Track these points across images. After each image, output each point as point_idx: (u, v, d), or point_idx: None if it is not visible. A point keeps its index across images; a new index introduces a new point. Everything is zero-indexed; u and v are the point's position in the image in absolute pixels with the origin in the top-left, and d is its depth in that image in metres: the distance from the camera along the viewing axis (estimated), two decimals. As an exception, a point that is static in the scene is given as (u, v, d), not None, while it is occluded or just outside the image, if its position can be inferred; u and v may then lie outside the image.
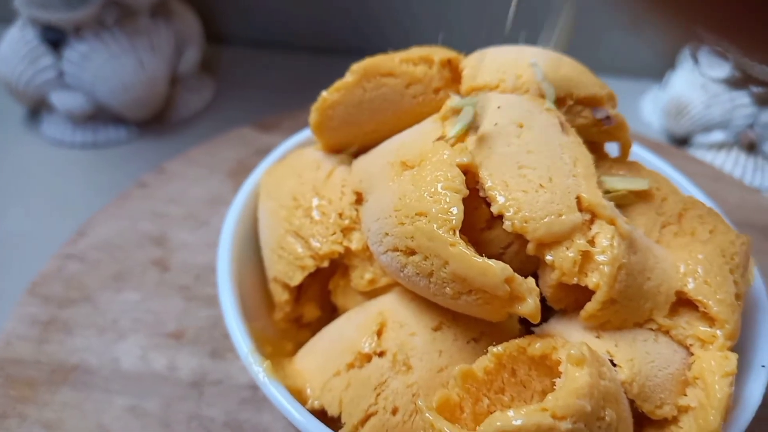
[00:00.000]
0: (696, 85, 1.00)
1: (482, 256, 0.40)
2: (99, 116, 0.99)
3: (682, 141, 1.04)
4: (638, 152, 0.60)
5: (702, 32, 0.24)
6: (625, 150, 0.52)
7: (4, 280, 0.76)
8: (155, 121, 1.03)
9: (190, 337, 0.66)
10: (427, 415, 0.37)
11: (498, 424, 0.35)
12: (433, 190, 0.42)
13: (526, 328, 0.46)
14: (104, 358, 0.64)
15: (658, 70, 1.11)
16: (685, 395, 0.42)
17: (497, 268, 0.39)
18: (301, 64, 1.16)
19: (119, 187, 0.86)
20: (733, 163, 0.97)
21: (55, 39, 0.94)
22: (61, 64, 0.95)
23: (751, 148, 0.98)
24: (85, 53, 0.94)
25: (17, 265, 0.77)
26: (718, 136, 0.99)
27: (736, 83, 0.97)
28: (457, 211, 0.41)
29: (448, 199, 0.41)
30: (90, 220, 0.78)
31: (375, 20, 1.15)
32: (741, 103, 0.97)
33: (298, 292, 0.52)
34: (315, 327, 0.52)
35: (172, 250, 0.75)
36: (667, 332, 0.43)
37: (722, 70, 0.98)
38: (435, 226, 0.41)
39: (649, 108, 1.10)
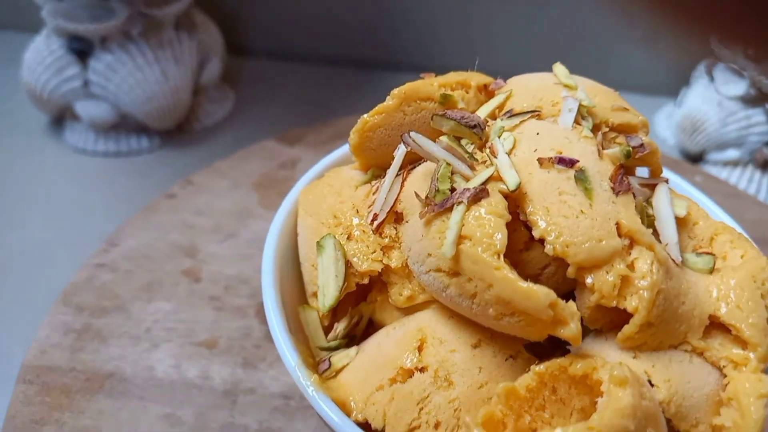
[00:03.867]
0: (712, 102, 1.01)
1: (526, 279, 0.42)
2: (122, 125, 1.01)
3: (696, 158, 1.06)
4: (665, 174, 0.61)
5: (718, 44, 0.25)
6: (655, 175, 0.53)
7: (30, 287, 0.77)
8: (177, 130, 1.04)
9: (223, 347, 0.68)
10: (475, 431, 0.39)
11: (547, 442, 0.36)
12: (477, 214, 0.43)
13: (561, 346, 0.47)
14: (138, 367, 0.66)
15: (673, 86, 1.13)
16: (719, 415, 0.43)
17: (541, 294, 0.41)
18: (321, 76, 1.18)
19: (142, 196, 0.88)
20: (747, 181, 0.99)
21: (81, 49, 0.96)
22: (86, 74, 0.97)
23: (766, 165, 1.00)
24: (111, 64, 0.95)
25: (42, 272, 0.79)
26: (732, 153, 1.01)
27: (751, 101, 0.99)
28: (501, 237, 0.43)
29: (492, 224, 0.43)
30: (119, 230, 0.80)
31: (395, 33, 1.17)
32: (756, 121, 0.98)
33: (336, 307, 0.54)
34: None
35: (202, 261, 0.76)
36: (701, 354, 0.45)
37: (738, 87, 0.99)
38: (480, 249, 0.42)
39: (663, 124, 1.12)
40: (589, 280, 0.43)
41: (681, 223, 0.50)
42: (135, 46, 0.96)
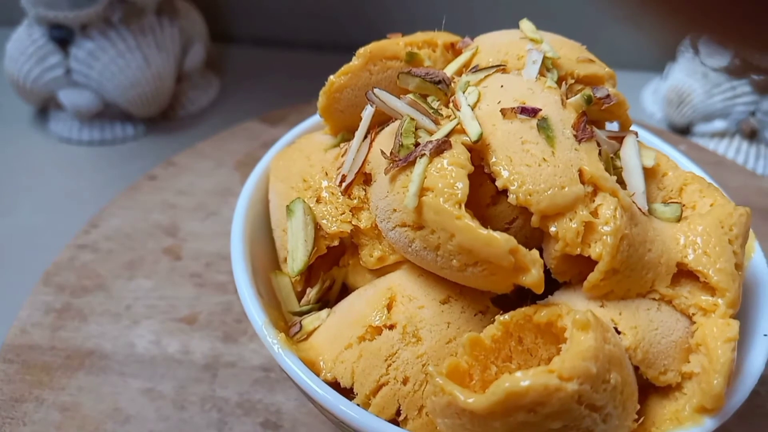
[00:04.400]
0: (697, 74, 1.01)
1: (488, 228, 0.41)
2: (106, 113, 1.01)
3: (683, 130, 1.05)
4: (640, 135, 0.61)
5: (698, 31, 0.25)
6: (624, 128, 0.53)
7: (16, 272, 0.77)
8: (162, 117, 1.04)
9: (203, 322, 0.68)
10: (437, 380, 0.39)
11: (507, 385, 0.36)
12: (439, 166, 0.43)
13: (532, 301, 0.47)
14: (119, 344, 0.66)
15: (659, 62, 1.12)
16: (689, 362, 0.43)
17: (502, 239, 0.41)
18: (304, 61, 1.18)
19: (127, 183, 0.87)
20: (734, 151, 0.98)
21: (62, 37, 0.96)
22: (68, 62, 0.97)
23: (753, 135, 0.99)
24: (92, 51, 0.95)
25: (28, 257, 0.79)
26: (719, 124, 1.00)
27: (736, 72, 0.98)
28: (462, 186, 0.42)
29: (454, 174, 0.42)
30: (101, 212, 0.80)
31: (378, 17, 1.17)
32: (742, 92, 0.98)
33: (309, 272, 0.53)
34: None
35: (184, 240, 0.76)
36: (669, 302, 0.45)
37: (722, 58, 0.99)
38: (441, 200, 0.42)
39: (650, 99, 1.11)
40: (552, 229, 0.43)
41: (650, 174, 0.49)
42: (116, 33, 0.96)
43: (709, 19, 0.24)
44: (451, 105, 0.48)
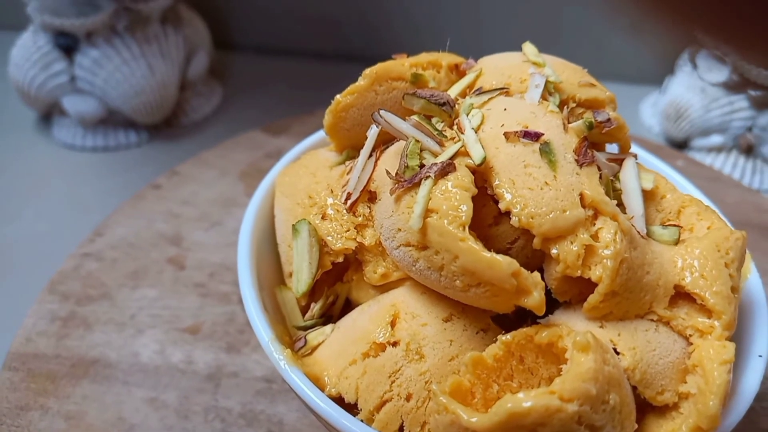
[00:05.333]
0: (695, 88, 1.02)
1: (490, 251, 0.42)
2: (110, 121, 1.02)
3: (680, 145, 1.07)
4: (638, 154, 0.62)
5: (700, 36, 0.26)
6: (624, 151, 0.54)
7: (20, 280, 0.78)
8: (165, 125, 1.05)
9: (206, 332, 0.69)
10: (441, 398, 0.40)
11: (509, 405, 0.37)
12: (444, 188, 0.44)
13: (532, 320, 0.48)
14: (123, 353, 0.67)
15: (658, 75, 1.14)
16: (685, 382, 0.44)
17: (504, 263, 0.42)
18: (307, 70, 1.19)
19: (130, 190, 0.88)
20: (731, 166, 1.00)
21: (67, 45, 0.97)
22: (72, 69, 0.98)
23: (749, 151, 1.00)
24: (97, 59, 0.96)
25: (32, 265, 0.80)
26: (716, 139, 1.01)
27: (734, 87, 0.99)
28: (466, 209, 0.43)
29: (458, 197, 0.44)
30: (105, 221, 0.81)
31: (380, 27, 1.18)
32: (739, 107, 0.99)
33: (313, 287, 0.54)
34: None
35: (188, 250, 0.77)
36: (667, 323, 0.46)
37: (721, 73, 1.00)
38: (445, 222, 0.43)
39: (648, 112, 1.13)
40: (554, 251, 0.44)
41: (649, 196, 0.51)
42: (121, 41, 0.97)
43: (710, 29, 0.25)
44: (455, 127, 0.49)
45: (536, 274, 0.43)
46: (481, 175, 0.46)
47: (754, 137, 0.99)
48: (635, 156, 0.52)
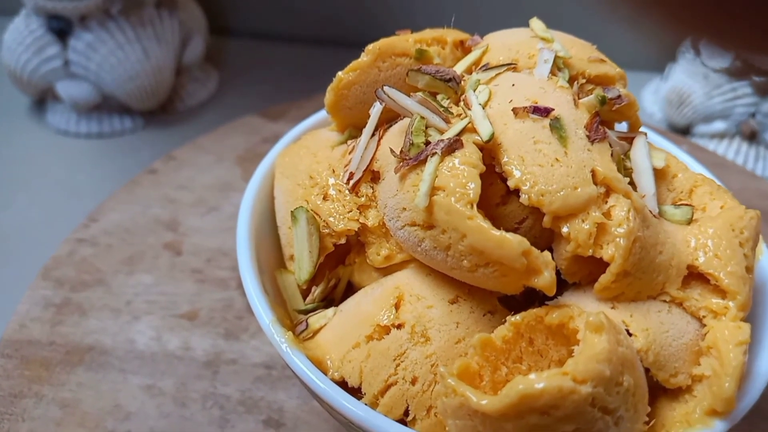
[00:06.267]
0: (697, 75, 1.01)
1: (499, 229, 0.41)
2: (104, 106, 1.00)
3: (683, 131, 1.05)
4: (649, 136, 0.61)
5: (698, 33, 0.25)
6: (634, 129, 0.53)
7: (13, 266, 0.76)
8: (160, 111, 1.03)
9: (204, 319, 0.67)
10: (449, 381, 0.38)
11: (520, 387, 0.35)
12: (450, 165, 0.43)
13: (540, 302, 0.47)
14: (119, 339, 0.65)
15: (660, 62, 1.12)
16: (699, 365, 0.43)
17: (514, 241, 0.40)
18: (304, 55, 1.17)
19: (125, 177, 0.87)
20: (734, 153, 0.98)
21: (60, 28, 0.95)
22: (66, 54, 0.96)
23: (752, 137, 0.99)
24: (91, 43, 0.94)
25: (25, 251, 0.78)
26: (719, 125, 1.00)
27: (737, 73, 0.98)
28: (474, 186, 0.42)
29: (465, 174, 0.42)
30: (100, 206, 0.79)
31: (378, 13, 1.16)
32: (742, 93, 0.98)
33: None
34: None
35: (184, 235, 0.76)
36: (680, 304, 0.44)
37: (723, 60, 0.99)
38: (453, 199, 0.42)
39: (650, 99, 1.11)
40: (564, 230, 0.42)
41: (660, 175, 0.49)
42: (115, 25, 0.95)
43: (710, 21, 0.24)
44: (461, 104, 0.47)
45: (547, 254, 0.41)
46: (489, 152, 0.45)
47: (757, 123, 0.98)
48: (645, 134, 0.51)
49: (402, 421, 0.44)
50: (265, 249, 0.54)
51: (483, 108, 0.46)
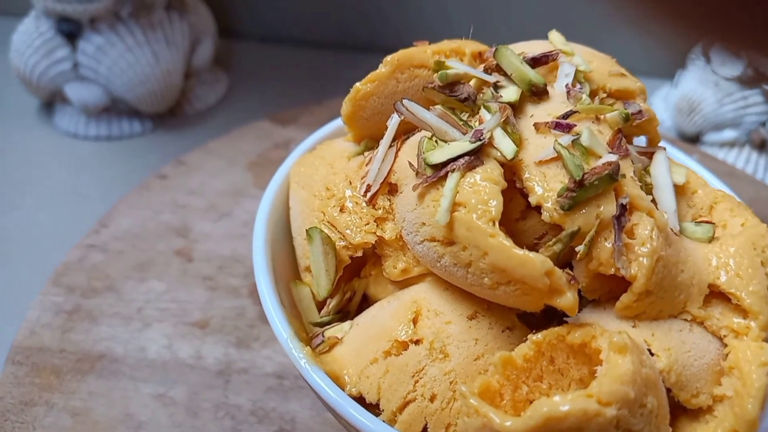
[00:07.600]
0: (708, 82, 1.00)
1: (523, 248, 0.41)
2: (113, 109, 1.00)
3: (692, 139, 1.05)
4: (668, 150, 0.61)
5: (708, 38, 0.24)
6: (653, 144, 0.52)
7: (21, 271, 0.76)
8: (169, 114, 1.03)
9: (215, 327, 0.67)
10: (471, 401, 0.38)
11: (545, 409, 0.35)
12: (472, 181, 0.42)
13: (557, 319, 0.46)
14: (130, 347, 0.65)
15: (669, 68, 1.12)
16: (720, 385, 0.43)
17: (537, 261, 0.40)
18: (312, 59, 1.17)
19: (134, 180, 0.86)
20: (744, 162, 0.98)
21: (70, 31, 0.94)
22: (75, 56, 0.95)
23: (763, 146, 0.99)
24: (101, 45, 0.94)
25: (34, 255, 0.78)
26: (729, 134, 1.00)
27: (748, 81, 0.98)
28: (496, 203, 0.42)
29: (487, 191, 0.42)
30: (110, 212, 0.79)
31: (386, 16, 1.16)
32: (753, 101, 0.97)
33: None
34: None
35: (195, 241, 0.75)
36: (701, 323, 0.44)
37: (735, 68, 0.98)
38: (474, 216, 0.41)
39: (659, 106, 1.11)
40: (583, 248, 0.42)
41: (680, 191, 0.49)
42: (125, 27, 0.95)
43: (720, 22, 0.23)
44: (480, 117, 0.47)
45: (569, 274, 0.41)
46: (510, 167, 0.44)
47: (767, 132, 0.97)
48: (665, 149, 0.50)
49: (420, 439, 0.43)
50: (281, 259, 0.54)
51: (503, 123, 0.45)
